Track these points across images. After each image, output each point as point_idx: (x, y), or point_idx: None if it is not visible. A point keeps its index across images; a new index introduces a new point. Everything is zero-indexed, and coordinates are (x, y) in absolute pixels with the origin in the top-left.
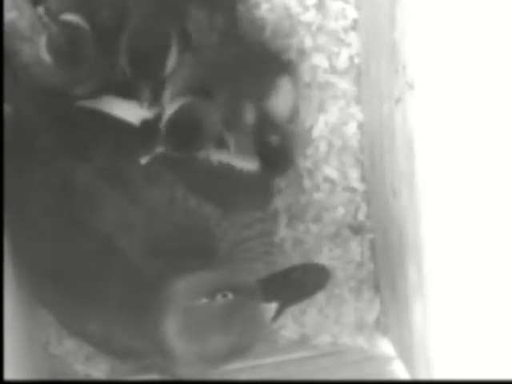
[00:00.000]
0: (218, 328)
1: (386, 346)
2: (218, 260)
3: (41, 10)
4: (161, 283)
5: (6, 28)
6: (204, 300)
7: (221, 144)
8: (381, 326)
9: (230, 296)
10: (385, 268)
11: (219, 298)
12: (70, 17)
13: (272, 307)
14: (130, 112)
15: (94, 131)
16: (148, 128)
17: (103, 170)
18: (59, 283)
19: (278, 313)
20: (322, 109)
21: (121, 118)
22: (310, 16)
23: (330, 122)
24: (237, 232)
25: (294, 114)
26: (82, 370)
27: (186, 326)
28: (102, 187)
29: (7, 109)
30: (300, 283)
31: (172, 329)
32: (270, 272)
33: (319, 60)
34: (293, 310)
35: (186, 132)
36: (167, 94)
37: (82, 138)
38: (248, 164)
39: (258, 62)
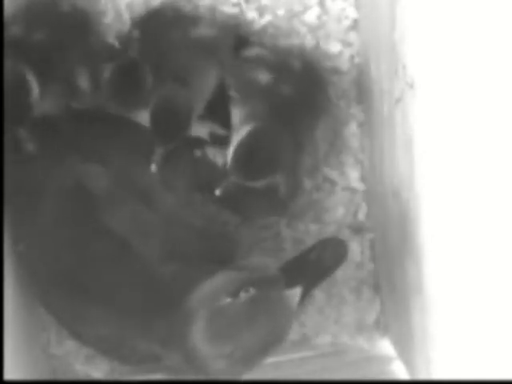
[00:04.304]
0: (246, 324)
1: (385, 346)
2: (235, 263)
3: None
4: (178, 289)
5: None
6: (228, 300)
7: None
8: (381, 326)
9: (252, 290)
10: (385, 268)
11: (242, 295)
12: None
13: (297, 292)
14: (145, 116)
15: (108, 135)
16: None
17: (118, 174)
18: (69, 288)
19: (304, 296)
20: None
21: (135, 121)
22: (311, 16)
23: (329, 122)
24: (254, 234)
25: None
26: (82, 370)
27: (214, 329)
28: (117, 191)
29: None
30: (319, 261)
31: (201, 336)
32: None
33: (320, 60)
34: None
35: (258, 159)
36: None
37: (96, 141)
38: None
39: None
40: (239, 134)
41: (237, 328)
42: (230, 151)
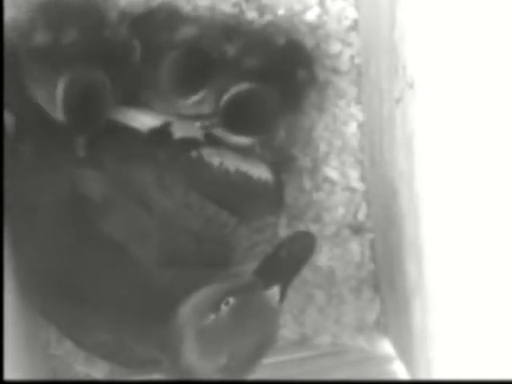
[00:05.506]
0: (234, 334)
1: (386, 346)
2: (231, 267)
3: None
4: (176, 293)
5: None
6: (211, 316)
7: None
8: (381, 326)
9: (232, 300)
10: (385, 268)
11: (223, 307)
12: None
13: (275, 291)
14: (138, 120)
15: (103, 138)
16: (156, 135)
17: (115, 177)
18: (66, 295)
19: (283, 293)
20: (322, 109)
21: (130, 125)
22: (311, 16)
23: (329, 122)
24: (249, 237)
25: None
26: (82, 370)
27: (204, 347)
28: (114, 195)
29: (8, 117)
30: (291, 257)
31: (193, 355)
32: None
33: (320, 60)
34: (292, 309)
35: (244, 114)
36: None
37: (92, 145)
38: (265, 173)
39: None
40: (229, 92)
41: (226, 340)
42: (221, 103)
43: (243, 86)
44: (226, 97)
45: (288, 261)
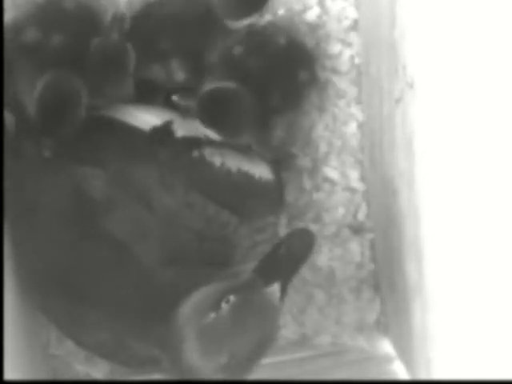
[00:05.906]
0: (235, 333)
1: (386, 346)
2: (230, 266)
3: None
4: (177, 292)
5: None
6: (212, 314)
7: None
8: (381, 326)
9: (233, 298)
10: (385, 268)
11: (224, 305)
12: None
13: (276, 288)
14: (140, 118)
15: (105, 137)
16: (158, 134)
17: (116, 176)
18: (67, 293)
19: (283, 291)
20: (321, 109)
21: (132, 124)
22: (311, 16)
23: (329, 122)
24: (250, 237)
25: None
26: (82, 370)
27: (205, 347)
28: (116, 193)
29: (8, 117)
30: (290, 254)
31: (194, 355)
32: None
33: (320, 60)
34: (292, 309)
35: (219, 109)
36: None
37: (93, 143)
38: (266, 172)
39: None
40: (209, 85)
41: (227, 339)
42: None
43: (224, 84)
44: (205, 88)
45: (287, 258)
